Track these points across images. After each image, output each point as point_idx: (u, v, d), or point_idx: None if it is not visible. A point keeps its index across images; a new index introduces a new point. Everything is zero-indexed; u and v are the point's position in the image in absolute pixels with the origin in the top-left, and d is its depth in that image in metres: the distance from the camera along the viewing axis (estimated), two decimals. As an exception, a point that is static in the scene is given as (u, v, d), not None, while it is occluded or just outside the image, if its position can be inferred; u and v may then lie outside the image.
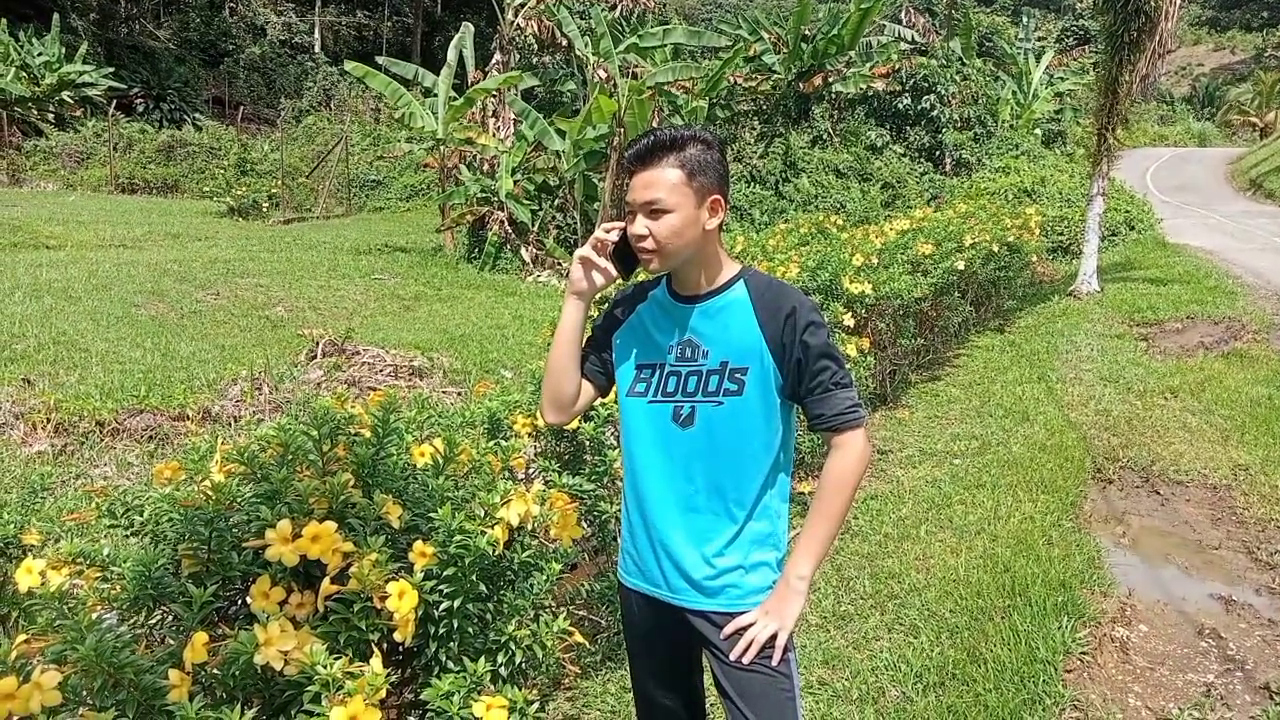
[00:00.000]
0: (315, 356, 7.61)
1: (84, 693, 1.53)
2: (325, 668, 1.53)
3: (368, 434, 2.02)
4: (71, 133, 27.48)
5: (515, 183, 15.78)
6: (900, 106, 19.89)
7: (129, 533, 1.96)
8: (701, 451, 1.85)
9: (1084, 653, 3.51)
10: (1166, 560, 4.44)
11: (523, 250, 15.56)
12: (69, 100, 29.06)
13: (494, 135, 16.45)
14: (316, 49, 42.50)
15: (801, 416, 1.92)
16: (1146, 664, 3.48)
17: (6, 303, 8.86)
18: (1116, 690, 3.29)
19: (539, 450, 3.13)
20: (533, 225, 15.74)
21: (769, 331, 1.82)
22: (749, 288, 1.88)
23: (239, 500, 1.86)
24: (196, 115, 33.09)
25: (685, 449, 1.86)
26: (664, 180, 1.78)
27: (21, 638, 1.58)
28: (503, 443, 2.41)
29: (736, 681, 1.84)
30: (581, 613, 3.29)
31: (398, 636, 1.72)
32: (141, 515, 1.93)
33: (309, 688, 1.54)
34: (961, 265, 7.79)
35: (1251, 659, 3.50)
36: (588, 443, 3.11)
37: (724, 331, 1.86)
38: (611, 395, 2.13)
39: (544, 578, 2.02)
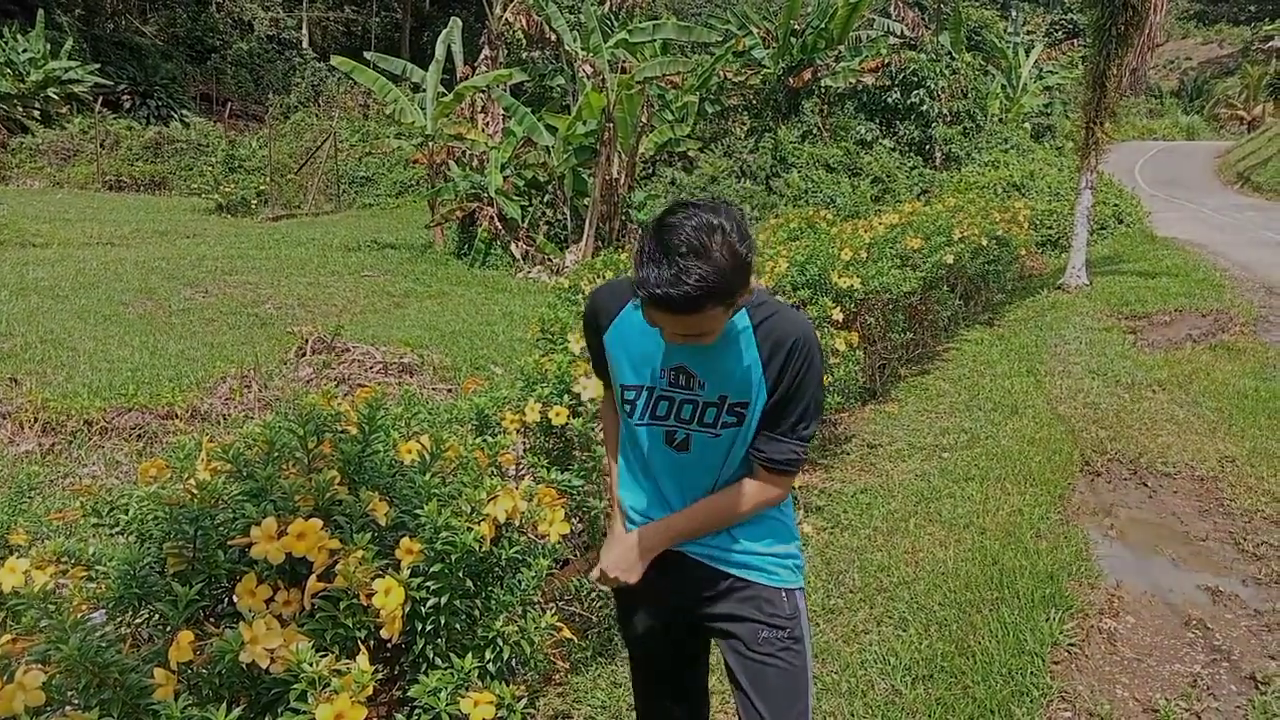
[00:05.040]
0: (304, 354, 7.58)
1: (68, 692, 1.53)
2: (311, 665, 1.53)
3: (354, 431, 2.02)
4: (58, 130, 27.31)
5: (505, 178, 15.75)
6: (890, 101, 19.90)
7: (114, 531, 1.95)
8: (698, 470, 1.83)
9: (1071, 644, 3.53)
10: (1154, 552, 4.46)
11: (513, 246, 15.52)
12: (55, 97, 28.87)
13: (483, 131, 16.40)
14: (304, 45, 42.31)
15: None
16: (1134, 655, 3.50)
17: (-8, 301, 8.81)
18: (1104, 681, 3.31)
19: (528, 446, 3.13)
20: (522, 221, 15.70)
21: (771, 367, 1.73)
22: (751, 316, 1.75)
23: (224, 498, 1.85)
24: (184, 112, 32.92)
25: (680, 468, 1.84)
26: (706, 320, 1.58)
27: (6, 637, 1.57)
28: (490, 439, 2.40)
29: (751, 674, 1.83)
30: (572, 608, 3.30)
31: (385, 633, 1.71)
32: (126, 514, 1.92)
33: (295, 685, 1.53)
34: (950, 259, 7.81)
35: (1238, 649, 3.53)
36: (576, 439, 3.10)
37: (723, 364, 1.75)
38: (602, 392, 2.12)
39: (532, 574, 2.02)
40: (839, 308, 5.43)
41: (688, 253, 1.50)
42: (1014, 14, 28.96)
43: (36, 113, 28.33)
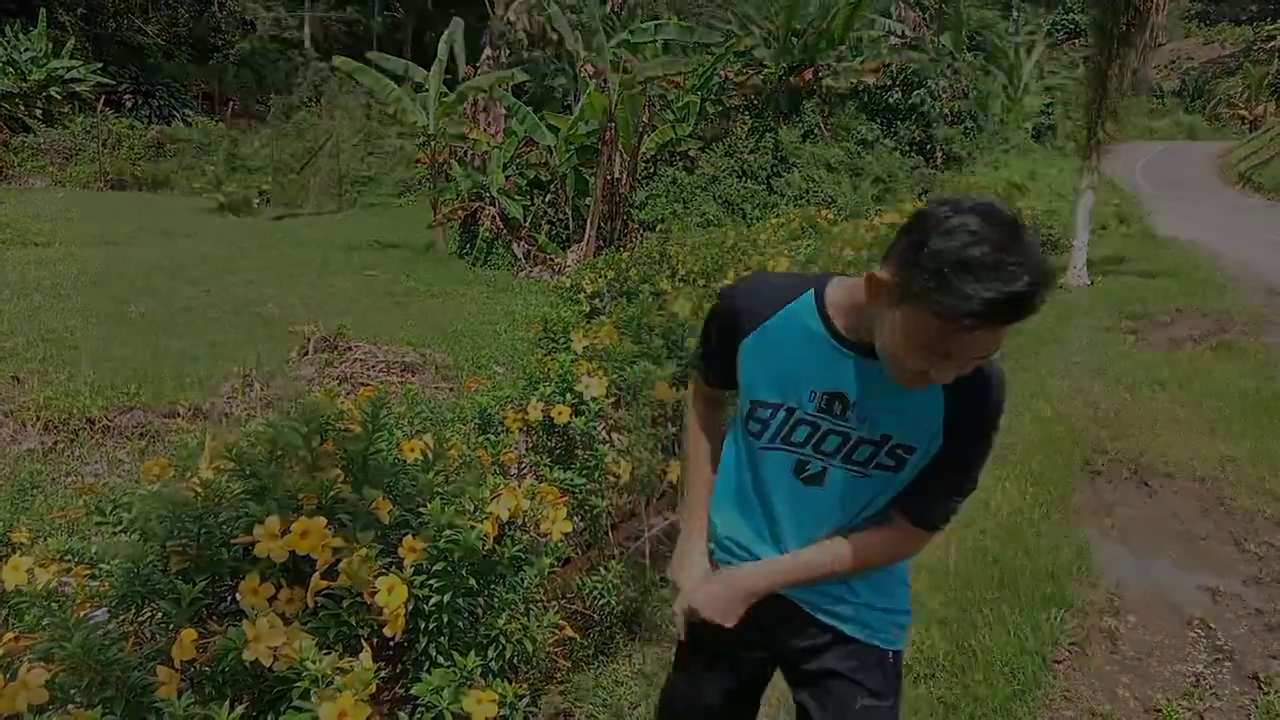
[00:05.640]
0: (307, 353, 7.59)
1: (71, 690, 1.53)
2: (315, 663, 1.53)
3: (358, 430, 2.02)
4: (60, 129, 27.30)
5: (507, 178, 15.76)
6: (891, 101, 19.89)
7: (117, 530, 1.95)
8: (829, 509, 1.58)
9: (1073, 644, 3.52)
10: (1155, 551, 4.46)
11: (514, 246, 15.53)
12: (56, 96, 28.84)
13: (485, 130, 16.41)
14: (306, 44, 42.30)
15: None
16: (1135, 654, 3.50)
17: (-5, 300, 8.82)
18: (1105, 681, 3.31)
19: (530, 445, 3.13)
20: (525, 221, 15.72)
21: (956, 413, 1.48)
22: None
23: (228, 496, 1.85)
24: (186, 111, 32.86)
25: (807, 504, 1.58)
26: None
27: (9, 635, 1.58)
28: (493, 438, 2.41)
29: None
30: (574, 606, 3.30)
31: (387, 631, 1.72)
32: (129, 512, 1.93)
33: (298, 683, 1.54)
34: (952, 259, 7.78)
35: (1239, 649, 3.53)
36: (578, 437, 3.11)
37: (899, 403, 1.47)
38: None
39: (534, 572, 2.02)
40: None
41: (1012, 242, 1.23)
42: (1015, 14, 28.94)
43: (38, 112, 28.30)
